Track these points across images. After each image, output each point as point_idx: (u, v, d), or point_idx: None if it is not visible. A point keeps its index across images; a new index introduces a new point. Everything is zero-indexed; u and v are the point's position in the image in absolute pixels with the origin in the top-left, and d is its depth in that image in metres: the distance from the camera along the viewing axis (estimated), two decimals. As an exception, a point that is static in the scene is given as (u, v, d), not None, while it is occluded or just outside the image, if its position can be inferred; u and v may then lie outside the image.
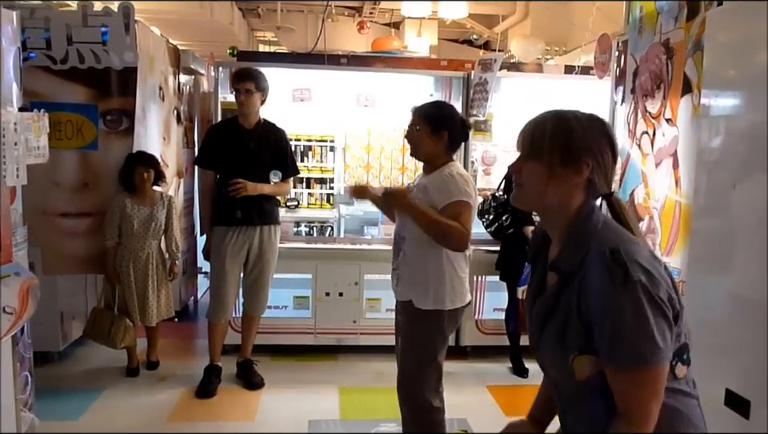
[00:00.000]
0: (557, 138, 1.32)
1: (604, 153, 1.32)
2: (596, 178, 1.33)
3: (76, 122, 3.74)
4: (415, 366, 2.68)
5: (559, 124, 1.34)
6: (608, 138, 1.34)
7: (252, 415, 3.55)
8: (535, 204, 1.40)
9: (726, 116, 2.31)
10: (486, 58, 4.43)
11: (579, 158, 1.31)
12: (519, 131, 1.40)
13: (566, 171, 1.31)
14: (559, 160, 1.31)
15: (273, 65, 4.60)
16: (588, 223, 1.32)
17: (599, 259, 1.24)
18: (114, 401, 3.67)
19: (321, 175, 4.84)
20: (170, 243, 4.01)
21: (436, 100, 2.85)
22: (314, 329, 4.43)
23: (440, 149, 2.63)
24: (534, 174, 1.34)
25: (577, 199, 1.34)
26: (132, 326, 3.88)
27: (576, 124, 1.33)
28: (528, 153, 1.36)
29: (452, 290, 2.60)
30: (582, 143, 1.31)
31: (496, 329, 4.46)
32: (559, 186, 1.32)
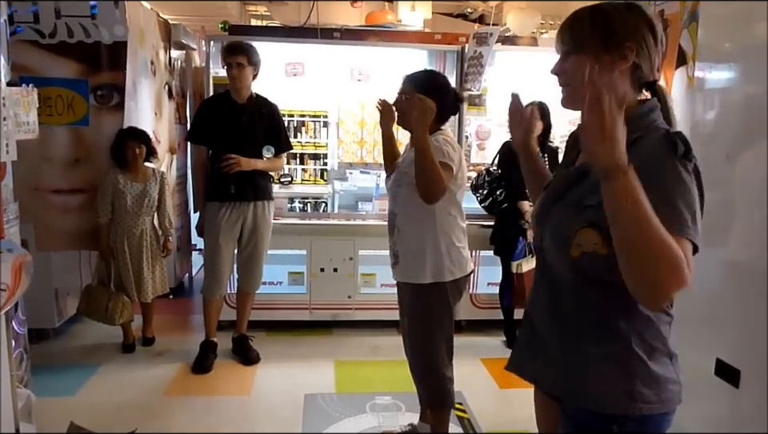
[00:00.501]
0: (597, 26, 1.32)
1: (646, 36, 1.32)
2: (641, 63, 1.32)
3: (66, 97, 3.70)
4: (426, 341, 2.67)
5: (597, 13, 1.34)
6: (647, 22, 1.33)
7: (248, 390, 3.57)
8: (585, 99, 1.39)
9: (720, 89, 2.30)
10: (482, 32, 4.39)
11: (622, 43, 1.30)
12: (556, 32, 1.40)
13: (611, 58, 1.31)
14: (603, 47, 1.31)
15: (265, 39, 4.55)
16: (649, 115, 1.32)
17: (661, 134, 1.25)
18: (110, 377, 3.69)
19: (314, 151, 4.81)
20: (163, 219, 4.00)
21: (429, 69, 2.79)
22: (308, 305, 4.45)
23: None
24: (579, 66, 1.32)
25: (625, 87, 1.33)
26: (129, 302, 3.89)
27: (613, 11, 1.33)
28: (569, 47, 1.36)
29: (450, 261, 2.60)
30: (623, 28, 1.31)
31: (490, 303, 4.49)
32: (606, 74, 1.30)
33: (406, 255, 2.63)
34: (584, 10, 1.36)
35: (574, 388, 1.41)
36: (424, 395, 2.77)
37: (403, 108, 2.60)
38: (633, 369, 1.32)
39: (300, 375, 3.78)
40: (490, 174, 4.17)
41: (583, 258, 1.30)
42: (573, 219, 1.31)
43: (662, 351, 1.35)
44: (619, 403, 1.33)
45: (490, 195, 4.14)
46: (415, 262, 2.60)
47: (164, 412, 3.29)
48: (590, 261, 1.29)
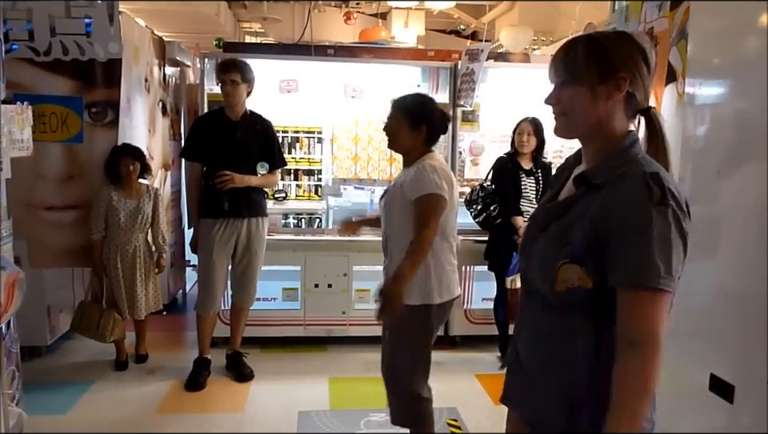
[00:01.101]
0: (591, 57, 1.33)
1: (639, 65, 1.33)
2: (636, 92, 1.33)
3: (60, 114, 3.70)
4: (403, 359, 2.69)
5: (591, 43, 1.35)
6: (640, 51, 1.35)
7: (241, 407, 3.55)
8: (580, 129, 1.40)
9: (710, 104, 2.32)
10: (473, 49, 4.43)
11: (617, 74, 1.31)
12: (550, 61, 1.40)
13: (606, 88, 1.32)
14: (597, 78, 1.32)
15: (259, 56, 4.58)
16: (630, 149, 1.33)
17: (637, 178, 1.25)
18: (102, 394, 3.66)
19: (309, 167, 4.82)
20: (157, 236, 3.99)
21: (416, 93, 2.84)
22: (303, 321, 4.44)
23: (417, 142, 2.62)
24: (576, 97, 1.35)
25: (619, 118, 1.35)
26: (121, 319, 3.86)
27: (607, 41, 1.35)
28: (565, 78, 1.37)
29: (439, 284, 2.60)
30: (617, 58, 1.32)
31: (485, 319, 4.49)
32: (602, 105, 1.33)
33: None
34: (577, 41, 1.37)
35: (546, 415, 1.40)
36: (395, 412, 2.75)
37: (393, 132, 2.65)
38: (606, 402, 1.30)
39: (294, 391, 3.76)
40: (483, 190, 4.18)
41: (569, 292, 1.31)
42: (555, 255, 1.32)
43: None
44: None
45: (483, 211, 4.16)
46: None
47: (157, 430, 3.27)
48: (576, 294, 1.30)
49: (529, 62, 5.02)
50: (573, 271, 1.29)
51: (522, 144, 4.09)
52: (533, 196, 4.12)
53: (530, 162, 4.16)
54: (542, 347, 1.43)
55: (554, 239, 1.35)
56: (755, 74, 2.07)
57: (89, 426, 3.26)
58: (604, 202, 1.27)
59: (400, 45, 6.49)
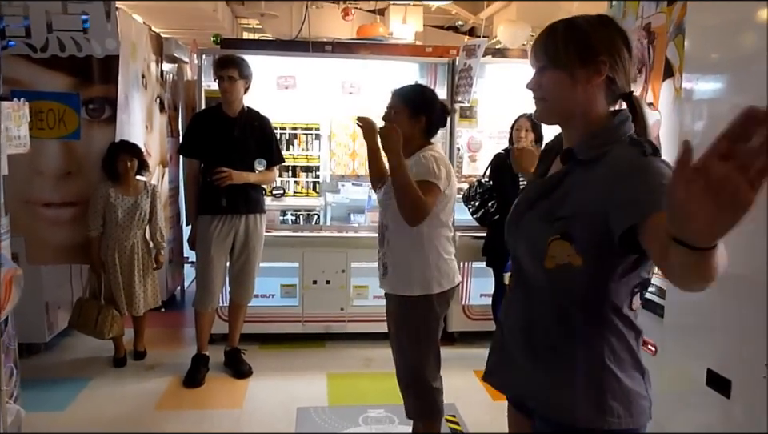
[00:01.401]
0: (571, 41, 1.32)
1: (620, 49, 1.33)
2: (616, 76, 1.33)
3: (58, 110, 3.70)
4: (414, 352, 2.68)
5: (571, 28, 1.34)
6: (621, 35, 1.35)
7: (240, 403, 3.56)
8: (560, 114, 1.40)
9: (707, 100, 2.32)
10: (471, 44, 4.43)
11: (596, 57, 1.31)
12: (530, 46, 1.40)
13: (586, 72, 1.31)
14: (578, 62, 1.31)
15: (257, 52, 4.59)
16: (621, 127, 1.33)
17: (626, 146, 1.26)
18: (100, 391, 3.66)
19: (307, 163, 4.82)
20: (155, 232, 3.99)
21: (417, 84, 2.81)
22: (301, 317, 4.44)
23: (416, 133, 2.59)
24: (556, 81, 1.34)
25: (599, 102, 1.34)
26: (119, 316, 3.86)
27: (587, 25, 1.34)
28: (545, 62, 1.36)
29: (438, 273, 2.60)
30: (597, 42, 1.32)
31: (483, 314, 4.49)
32: (582, 89, 1.32)
33: (395, 266, 2.63)
34: (558, 25, 1.37)
35: (544, 398, 1.41)
36: (412, 407, 2.76)
37: (392, 121, 2.60)
38: (604, 382, 1.32)
39: (292, 388, 3.76)
40: (481, 186, 4.18)
41: (558, 269, 1.31)
42: (545, 231, 1.32)
43: (633, 366, 1.35)
44: (589, 416, 1.32)
45: (482, 207, 4.16)
46: (404, 274, 2.60)
47: (155, 427, 3.27)
48: (565, 272, 1.30)
49: (526, 58, 5.00)
50: (562, 247, 1.29)
51: (519, 140, 4.08)
52: (523, 186, 4.12)
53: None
54: (528, 331, 1.43)
55: (543, 215, 1.34)
56: (752, 69, 2.07)
57: (87, 423, 3.26)
58: (594, 176, 1.27)
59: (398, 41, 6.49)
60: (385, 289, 2.74)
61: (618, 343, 1.33)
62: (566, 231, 1.28)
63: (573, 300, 1.33)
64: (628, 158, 1.24)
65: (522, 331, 1.46)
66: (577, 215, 1.27)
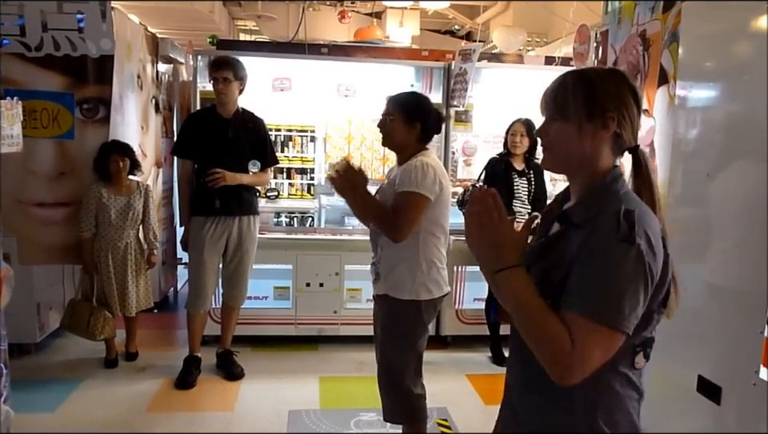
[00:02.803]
0: (580, 94, 1.32)
1: (628, 105, 1.33)
2: (622, 131, 1.33)
3: (52, 110, 3.69)
4: (395, 355, 2.69)
5: (581, 81, 1.34)
6: (630, 89, 1.35)
7: (231, 406, 3.54)
8: (565, 165, 1.41)
9: (701, 107, 2.33)
10: (466, 49, 4.43)
11: (604, 113, 1.31)
12: (541, 95, 1.40)
13: (593, 127, 1.32)
14: (585, 116, 1.31)
15: (253, 54, 4.58)
16: (612, 186, 1.33)
17: (610, 215, 1.24)
18: (91, 392, 3.64)
19: (301, 166, 4.81)
20: (148, 232, 3.98)
21: (412, 91, 2.84)
22: (294, 320, 4.43)
23: (411, 139, 2.61)
24: (563, 133, 1.35)
25: (605, 156, 1.34)
26: (111, 317, 3.85)
27: (597, 79, 1.34)
28: (553, 113, 1.36)
29: (428, 280, 2.61)
30: (605, 97, 1.32)
31: (476, 319, 4.49)
32: (588, 143, 1.33)
33: (386, 271, 2.64)
34: (569, 77, 1.37)
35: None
36: (390, 409, 2.75)
37: (387, 128, 2.64)
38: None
39: (284, 391, 3.75)
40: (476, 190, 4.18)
41: None
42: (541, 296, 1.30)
43: (626, 427, 1.33)
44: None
45: (476, 211, 4.15)
46: (395, 278, 2.61)
47: (146, 429, 3.25)
48: None
49: (522, 63, 5.02)
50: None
51: (514, 145, 4.10)
52: (525, 197, 4.13)
53: (522, 163, 4.17)
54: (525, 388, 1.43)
55: (538, 278, 1.33)
56: (745, 77, 2.08)
57: (78, 424, 3.24)
58: (580, 241, 1.27)
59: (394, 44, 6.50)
60: (375, 292, 2.75)
61: (613, 405, 1.31)
62: (557, 297, 1.27)
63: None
64: (604, 234, 1.23)
65: (520, 389, 1.46)
66: (567, 280, 1.27)
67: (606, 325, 1.19)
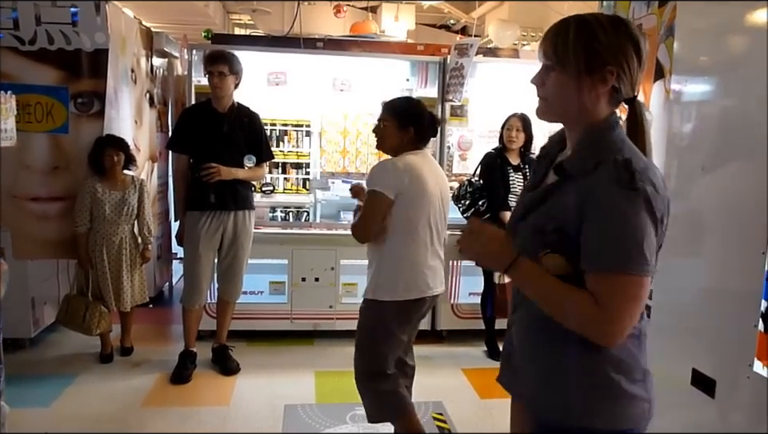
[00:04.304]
0: (580, 45, 1.29)
1: (629, 58, 1.30)
2: (621, 85, 1.31)
3: (46, 104, 3.67)
4: (357, 354, 2.75)
5: (582, 31, 1.31)
6: (633, 40, 1.31)
7: (227, 401, 3.54)
8: (561, 115, 1.40)
9: (696, 102, 2.33)
10: (463, 43, 4.42)
11: (604, 67, 1.29)
12: (540, 41, 1.38)
13: (591, 79, 1.30)
14: (585, 69, 1.30)
15: (248, 48, 4.56)
16: (608, 134, 1.33)
17: (608, 166, 1.25)
18: (86, 387, 3.63)
19: (297, 160, 4.80)
20: (143, 227, 3.96)
21: (406, 96, 2.90)
22: (290, 314, 4.43)
23: (405, 144, 2.66)
24: (560, 84, 1.33)
25: (602, 106, 1.33)
26: (107, 312, 3.84)
27: (599, 30, 1.30)
28: (552, 62, 1.34)
29: (391, 281, 2.62)
30: (606, 49, 1.29)
31: (472, 313, 4.50)
32: (585, 95, 1.31)
33: (370, 271, 2.72)
34: (569, 23, 1.33)
35: (539, 398, 1.42)
36: (367, 410, 2.78)
37: (381, 133, 2.70)
38: (598, 383, 1.33)
39: (280, 385, 3.75)
40: (472, 185, 4.19)
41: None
42: (537, 245, 1.33)
43: (632, 368, 1.35)
44: (582, 416, 1.34)
45: (472, 206, 4.16)
46: (374, 278, 2.68)
47: (141, 424, 3.25)
48: (561, 279, 1.30)
49: (518, 58, 5.02)
50: (555, 260, 1.31)
51: (510, 140, 4.10)
52: (520, 192, 4.13)
53: (517, 158, 4.17)
54: (532, 334, 1.45)
55: (535, 228, 1.36)
56: (740, 72, 2.08)
57: (72, 419, 3.24)
58: (579, 192, 1.28)
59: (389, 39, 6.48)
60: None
61: (617, 347, 1.32)
62: (556, 244, 1.30)
63: None
64: (606, 187, 1.24)
65: (522, 335, 1.48)
66: (565, 228, 1.29)
67: (635, 274, 1.22)
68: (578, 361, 1.34)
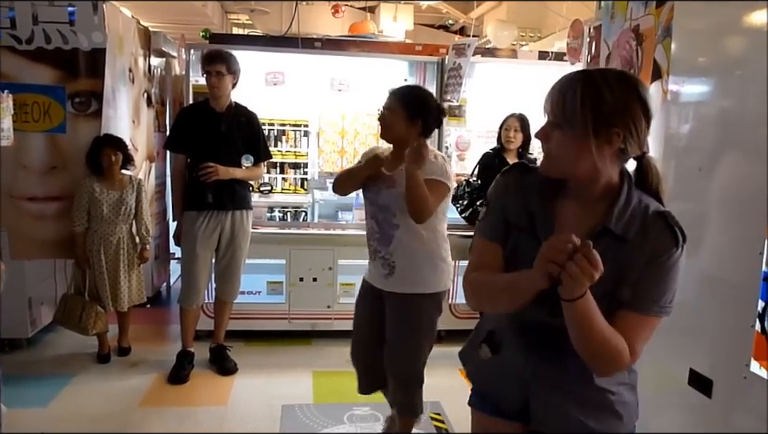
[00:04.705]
0: (587, 106, 1.25)
1: (636, 119, 1.27)
2: (628, 146, 1.28)
3: (43, 104, 3.66)
4: (417, 348, 2.72)
5: (589, 91, 1.27)
6: (640, 100, 1.28)
7: (225, 401, 3.54)
8: (564, 173, 1.36)
9: (693, 102, 2.34)
10: (461, 44, 4.43)
11: (611, 128, 1.25)
12: (546, 95, 1.34)
13: (597, 141, 1.26)
14: (591, 130, 1.25)
15: (246, 48, 4.56)
16: (630, 193, 1.34)
17: (660, 222, 1.30)
18: (83, 387, 3.63)
19: (295, 160, 4.80)
20: (141, 227, 3.96)
21: (414, 84, 2.84)
22: (287, 314, 4.43)
23: (411, 134, 2.60)
24: (564, 143, 1.30)
25: (607, 167, 1.30)
26: (104, 312, 3.83)
27: (607, 91, 1.26)
28: (557, 120, 1.31)
29: (445, 272, 2.71)
30: (613, 111, 1.25)
31: (470, 314, 4.49)
32: (590, 157, 1.27)
33: (407, 265, 2.63)
34: (575, 81, 1.30)
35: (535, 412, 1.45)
36: (407, 403, 2.77)
37: (387, 121, 2.62)
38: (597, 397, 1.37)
39: (278, 385, 3.75)
40: (470, 185, 4.19)
41: None
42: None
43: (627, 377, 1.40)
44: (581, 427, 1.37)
45: (470, 206, 4.16)
46: (420, 272, 2.64)
47: (139, 424, 3.24)
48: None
49: (516, 58, 5.02)
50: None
51: (508, 140, 4.10)
52: None
53: (515, 158, 4.17)
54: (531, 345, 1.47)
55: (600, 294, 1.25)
56: (737, 72, 2.09)
57: (70, 420, 3.23)
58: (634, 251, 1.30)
59: (388, 39, 6.48)
60: (388, 289, 2.70)
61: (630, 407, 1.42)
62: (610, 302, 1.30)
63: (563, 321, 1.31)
64: (667, 245, 1.29)
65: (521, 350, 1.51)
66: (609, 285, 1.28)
67: (663, 315, 1.30)
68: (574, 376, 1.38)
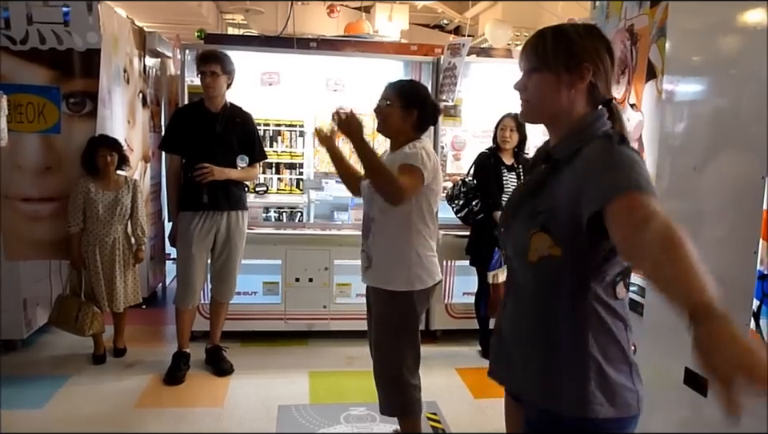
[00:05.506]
0: (559, 47, 1.41)
1: (602, 57, 1.42)
2: (598, 82, 1.42)
3: (38, 104, 3.66)
4: (393, 347, 2.69)
5: (558, 35, 1.44)
6: (605, 43, 1.45)
7: (221, 402, 3.53)
8: (544, 115, 1.49)
9: (688, 102, 2.34)
10: (455, 43, 4.43)
11: (581, 63, 1.40)
12: (515, 46, 1.49)
13: (570, 77, 1.40)
14: (564, 67, 1.40)
15: (241, 48, 4.56)
16: (594, 123, 1.41)
17: (597, 140, 1.35)
18: (79, 389, 3.62)
19: (290, 160, 4.80)
20: (136, 227, 3.95)
21: (411, 79, 2.83)
22: (283, 315, 4.42)
23: (407, 127, 2.61)
24: (542, 84, 1.43)
25: (581, 106, 1.43)
26: (99, 313, 3.82)
27: (575, 33, 1.43)
28: (533, 65, 1.45)
29: (422, 270, 2.62)
30: (582, 49, 1.41)
31: (466, 313, 4.51)
32: (566, 93, 1.41)
33: (379, 260, 2.64)
34: (547, 31, 1.46)
35: (531, 389, 1.46)
36: (388, 404, 2.77)
37: (383, 113, 2.63)
38: (587, 371, 1.36)
39: (274, 386, 3.74)
40: (465, 185, 4.19)
41: (541, 262, 1.37)
42: (527, 226, 1.40)
43: (619, 358, 1.39)
44: (572, 406, 1.37)
45: (465, 206, 4.17)
46: (389, 268, 2.62)
47: (135, 425, 3.24)
48: (547, 264, 1.36)
49: (511, 57, 5.03)
50: (542, 239, 1.36)
51: (504, 140, 4.11)
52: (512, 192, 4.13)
53: (511, 158, 4.18)
54: (517, 325, 1.50)
55: (527, 214, 1.43)
56: (732, 71, 2.09)
57: (65, 420, 3.22)
58: (569, 170, 1.35)
59: (383, 39, 6.47)
60: (366, 282, 2.76)
61: (602, 333, 1.38)
62: (545, 224, 1.35)
63: (556, 291, 1.39)
64: (598, 149, 1.33)
65: (513, 326, 1.53)
66: (554, 208, 1.35)
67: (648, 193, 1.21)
68: (567, 350, 1.38)
